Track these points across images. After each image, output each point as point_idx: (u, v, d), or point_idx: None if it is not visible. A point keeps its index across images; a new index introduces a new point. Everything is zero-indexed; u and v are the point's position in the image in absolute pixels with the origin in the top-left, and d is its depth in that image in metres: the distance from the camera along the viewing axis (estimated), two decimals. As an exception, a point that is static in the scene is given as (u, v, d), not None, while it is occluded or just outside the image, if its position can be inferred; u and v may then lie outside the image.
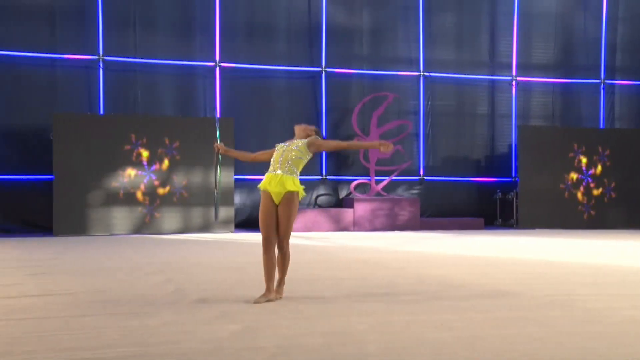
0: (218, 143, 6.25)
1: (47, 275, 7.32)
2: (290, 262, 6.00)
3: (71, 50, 14.30)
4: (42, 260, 8.82)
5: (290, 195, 5.73)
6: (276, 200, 5.75)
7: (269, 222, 5.70)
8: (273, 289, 5.73)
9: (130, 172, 13.50)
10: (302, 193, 5.84)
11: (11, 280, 6.89)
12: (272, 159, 5.88)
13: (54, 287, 6.45)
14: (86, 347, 4.15)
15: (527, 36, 17.16)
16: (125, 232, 13.35)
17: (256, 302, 5.59)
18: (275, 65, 15.68)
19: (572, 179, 16.08)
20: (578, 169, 16.10)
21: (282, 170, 5.77)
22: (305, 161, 5.94)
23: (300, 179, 5.96)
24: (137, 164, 13.54)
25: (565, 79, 17.38)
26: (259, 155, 6.16)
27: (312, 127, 6.18)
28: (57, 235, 12.87)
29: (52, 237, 12.73)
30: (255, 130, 15.44)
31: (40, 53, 14.11)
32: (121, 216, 13.41)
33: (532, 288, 6.50)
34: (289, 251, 5.84)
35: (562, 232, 14.48)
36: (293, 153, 5.84)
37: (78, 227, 13.11)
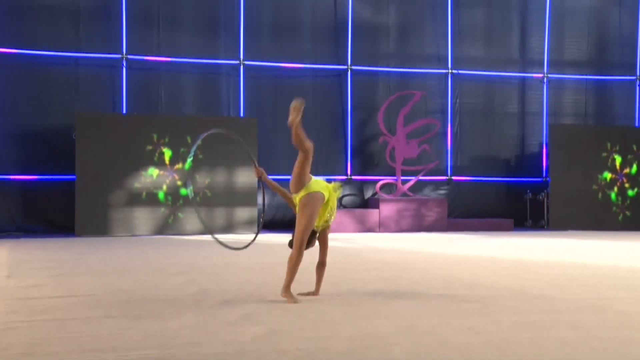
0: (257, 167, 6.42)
1: (69, 276, 7.39)
2: (312, 266, 6.23)
3: (94, 49, 14.43)
4: (64, 261, 8.90)
5: (305, 197, 5.98)
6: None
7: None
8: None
9: (153, 171, 13.58)
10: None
11: (33, 281, 6.96)
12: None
13: (76, 288, 6.50)
14: (108, 349, 4.17)
15: (559, 32, 16.98)
16: (147, 233, 13.44)
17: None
18: (300, 64, 15.68)
19: (606, 178, 15.88)
20: (612, 169, 15.90)
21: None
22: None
23: (327, 179, 6.29)
24: (160, 163, 13.62)
25: (598, 76, 17.18)
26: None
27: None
28: (79, 235, 12.99)
29: (74, 237, 12.85)
30: (279, 130, 15.44)
31: (64, 52, 14.26)
32: (143, 217, 13.50)
33: (564, 291, 6.42)
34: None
35: (595, 234, 14.31)
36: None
37: (100, 227, 13.22)
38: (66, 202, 13.54)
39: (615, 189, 15.92)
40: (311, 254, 6.30)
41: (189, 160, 6.47)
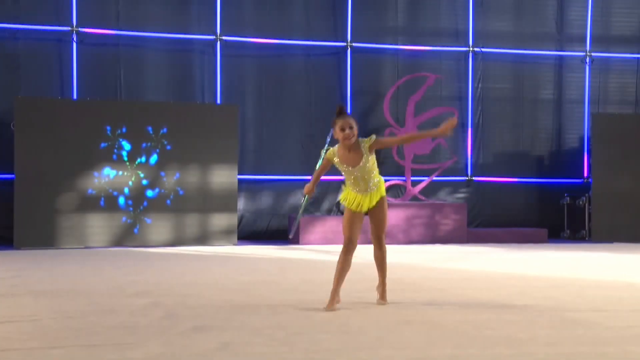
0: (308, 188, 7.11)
1: (7, 298, 7.36)
2: (303, 284, 6.33)
3: (38, 19, 14.40)
4: (1, 279, 8.87)
5: (382, 201, 7.01)
6: (365, 210, 6.96)
7: (357, 226, 6.93)
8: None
9: (110, 170, 13.56)
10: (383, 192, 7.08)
11: (-37, 303, 6.94)
12: (349, 181, 6.87)
13: (15, 312, 6.48)
14: (54, 386, 4.16)
15: (605, 1, 17.00)
16: (103, 245, 13.42)
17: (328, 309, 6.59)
18: (290, 40, 15.67)
19: (660, 180, 15.90)
20: (667, 168, 15.92)
21: (370, 189, 6.90)
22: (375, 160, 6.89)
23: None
24: (119, 160, 13.60)
25: (653, 54, 17.21)
26: (320, 174, 7.18)
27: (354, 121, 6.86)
28: (18, 247, 12.97)
29: (13, 250, 12.82)
30: (265, 119, 15.46)
31: (0, 23, 14.22)
32: (98, 225, 13.47)
33: (610, 317, 6.43)
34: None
35: (646, 247, 14.34)
36: (368, 165, 6.79)
37: (45, 238, 13.19)
38: (3, 206, 13.50)
39: (671, 192, 15.93)
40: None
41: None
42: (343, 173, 6.89)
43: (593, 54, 16.92)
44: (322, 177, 7.08)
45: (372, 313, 6.55)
